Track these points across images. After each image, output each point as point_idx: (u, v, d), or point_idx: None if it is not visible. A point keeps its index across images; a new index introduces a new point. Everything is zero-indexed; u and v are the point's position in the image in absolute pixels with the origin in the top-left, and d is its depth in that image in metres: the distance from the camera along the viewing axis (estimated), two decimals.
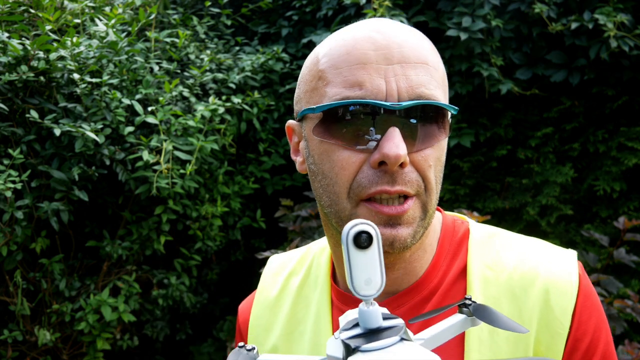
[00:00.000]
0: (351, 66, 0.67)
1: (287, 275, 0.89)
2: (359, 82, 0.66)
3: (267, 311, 0.88)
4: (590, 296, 0.74)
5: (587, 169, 2.73)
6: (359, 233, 0.45)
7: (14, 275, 2.29)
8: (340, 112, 0.66)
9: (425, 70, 0.67)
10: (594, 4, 2.52)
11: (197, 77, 2.68)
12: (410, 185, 0.67)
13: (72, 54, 2.29)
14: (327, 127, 0.68)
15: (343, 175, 0.68)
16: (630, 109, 2.62)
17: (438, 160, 0.70)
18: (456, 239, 0.80)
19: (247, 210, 3.00)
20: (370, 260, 0.46)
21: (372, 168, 0.66)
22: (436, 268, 0.77)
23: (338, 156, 0.68)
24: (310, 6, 3.19)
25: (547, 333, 0.71)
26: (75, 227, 2.55)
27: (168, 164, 2.31)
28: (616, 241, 2.29)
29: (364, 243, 0.45)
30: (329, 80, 0.68)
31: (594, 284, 2.05)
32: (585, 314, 0.73)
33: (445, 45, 2.70)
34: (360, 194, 0.67)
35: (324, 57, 0.70)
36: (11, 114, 2.22)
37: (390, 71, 0.66)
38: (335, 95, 0.67)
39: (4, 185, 1.97)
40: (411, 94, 0.65)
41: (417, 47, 0.69)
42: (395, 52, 0.66)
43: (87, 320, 2.33)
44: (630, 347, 1.90)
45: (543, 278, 0.73)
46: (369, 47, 0.67)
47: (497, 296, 0.73)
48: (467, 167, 2.83)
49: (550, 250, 0.78)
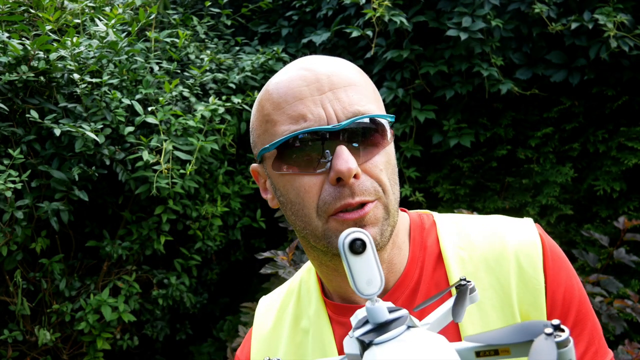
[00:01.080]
0: (291, 104, 0.75)
1: (278, 308, 0.95)
2: (302, 114, 0.74)
3: (266, 344, 0.93)
4: (555, 252, 0.83)
5: (587, 169, 2.73)
6: (353, 240, 0.51)
7: (14, 275, 2.29)
8: (292, 144, 0.75)
9: (354, 89, 0.76)
10: (594, 4, 2.52)
11: (197, 77, 2.68)
12: (368, 193, 0.75)
13: (72, 54, 2.29)
14: (284, 160, 0.76)
15: (308, 198, 0.76)
16: (630, 109, 2.62)
17: (388, 163, 0.78)
18: (425, 231, 0.88)
19: (247, 210, 3.00)
20: (368, 262, 0.51)
21: (332, 185, 0.74)
22: (414, 261, 0.85)
23: (300, 182, 0.76)
24: (310, 6, 3.19)
25: (527, 292, 0.79)
26: (75, 227, 2.55)
27: (168, 164, 2.31)
28: (616, 241, 2.29)
29: (359, 249, 0.51)
30: (276, 121, 0.77)
31: (593, 284, 2.05)
32: (555, 267, 0.81)
33: (445, 45, 2.70)
34: (327, 211, 0.75)
35: (266, 102, 0.79)
36: (11, 114, 2.22)
37: (325, 99, 0.75)
38: (285, 131, 0.75)
39: (4, 185, 1.97)
40: (347, 113, 0.74)
41: (342, 72, 0.78)
42: (324, 82, 0.75)
43: (87, 320, 2.33)
44: (630, 347, 1.90)
45: (511, 246, 0.82)
46: (302, 83, 0.76)
47: (474, 271, 0.81)
48: (467, 167, 2.83)
49: (510, 221, 0.87)
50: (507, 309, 0.78)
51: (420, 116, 2.74)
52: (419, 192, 2.87)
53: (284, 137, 0.74)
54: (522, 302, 0.79)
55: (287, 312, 0.93)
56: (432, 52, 2.78)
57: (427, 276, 0.83)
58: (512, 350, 0.50)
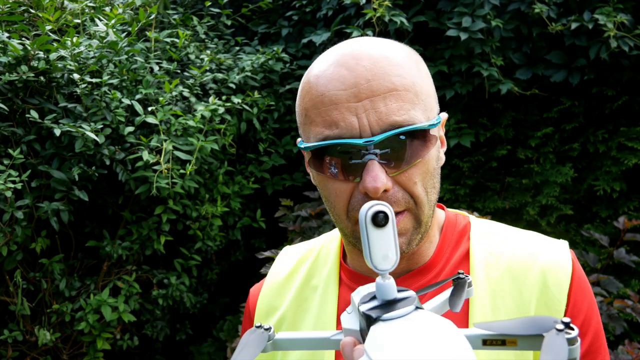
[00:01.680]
0: (327, 107, 0.74)
1: (298, 260, 0.96)
2: (335, 121, 0.73)
3: (276, 291, 0.94)
4: (583, 280, 0.82)
5: (587, 169, 2.73)
6: (377, 213, 0.50)
7: (14, 275, 2.29)
8: (324, 151, 0.75)
9: (395, 97, 0.72)
10: (594, 4, 2.52)
11: (197, 77, 2.68)
12: (398, 205, 0.74)
13: (72, 54, 2.29)
14: (318, 162, 0.76)
15: (339, 202, 0.77)
16: (630, 109, 2.62)
17: (425, 173, 0.76)
18: (458, 230, 0.88)
19: (247, 210, 3.00)
20: (387, 237, 0.51)
21: (361, 193, 0.74)
22: (440, 255, 0.85)
23: (332, 186, 0.77)
24: (310, 6, 3.19)
25: (546, 310, 0.79)
26: (75, 227, 2.55)
27: (168, 164, 2.31)
28: (616, 241, 2.29)
29: (381, 222, 0.50)
30: (312, 119, 0.76)
31: (593, 284, 2.05)
32: (580, 294, 0.81)
33: (445, 45, 2.70)
34: (355, 216, 0.76)
35: (307, 94, 0.78)
36: (11, 114, 2.22)
37: (361, 108, 0.72)
38: (318, 134, 0.75)
39: (4, 185, 1.97)
40: (382, 125, 0.71)
41: (385, 75, 0.73)
42: (363, 88, 0.72)
43: (87, 320, 2.33)
44: (630, 347, 1.90)
45: (540, 262, 0.81)
46: (340, 86, 0.73)
47: (498, 278, 0.81)
48: (467, 167, 2.83)
49: (545, 239, 0.87)
50: None
51: None
52: None
53: (316, 144, 0.74)
54: None
55: (303, 268, 0.94)
56: (432, 52, 2.78)
57: (450, 270, 0.84)
58: (519, 342, 0.50)
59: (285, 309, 0.91)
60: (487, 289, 0.80)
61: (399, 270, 0.85)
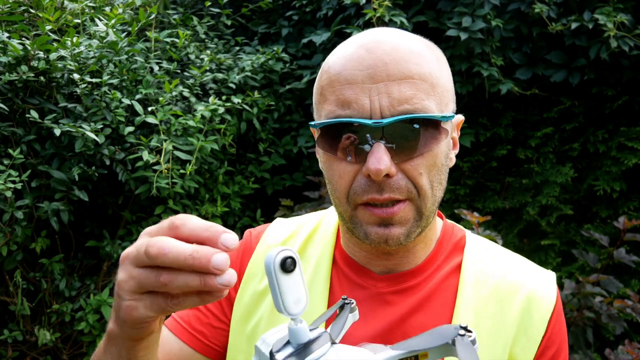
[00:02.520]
0: (342, 85, 0.73)
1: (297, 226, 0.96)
2: (348, 101, 0.72)
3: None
4: (561, 314, 0.85)
5: (587, 169, 2.73)
6: (285, 259, 0.50)
7: (14, 275, 2.29)
8: (333, 129, 0.74)
9: (410, 84, 0.72)
10: (594, 4, 2.52)
11: (197, 77, 2.68)
12: (400, 192, 0.73)
13: (72, 54, 2.29)
14: (326, 141, 0.76)
15: (341, 184, 0.76)
16: (630, 109, 2.62)
17: (432, 166, 0.75)
18: (453, 241, 0.89)
19: (247, 210, 3.00)
20: (296, 281, 0.51)
21: (364, 177, 0.74)
22: (432, 261, 0.86)
23: (337, 166, 0.76)
24: (310, 6, 3.19)
25: (524, 336, 0.81)
26: (75, 227, 2.55)
27: (168, 164, 2.31)
28: (616, 241, 2.29)
29: (289, 267, 0.50)
30: (326, 97, 0.76)
31: (593, 284, 2.05)
32: (557, 327, 0.83)
33: (445, 45, 2.70)
34: (356, 200, 0.75)
35: (325, 73, 0.78)
36: (11, 114, 2.22)
37: (375, 90, 0.71)
38: (330, 113, 0.74)
39: (4, 185, 1.97)
40: (393, 111, 0.71)
41: (403, 61, 0.73)
42: (380, 71, 0.72)
43: (87, 320, 2.33)
44: (630, 347, 1.90)
45: (527, 289, 0.83)
46: (357, 66, 0.73)
47: (485, 297, 0.82)
48: (467, 167, 2.83)
49: (535, 267, 0.89)
50: (500, 342, 0.80)
51: None
52: None
53: (326, 122, 0.74)
54: (515, 343, 0.80)
55: (301, 235, 0.93)
56: None
57: (440, 278, 0.84)
58: (430, 354, 0.53)
59: None
60: (472, 307, 0.81)
61: (390, 267, 0.85)
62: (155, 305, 0.57)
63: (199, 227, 0.54)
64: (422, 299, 0.82)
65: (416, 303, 0.82)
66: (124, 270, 0.58)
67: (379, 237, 0.75)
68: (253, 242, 0.95)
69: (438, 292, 0.83)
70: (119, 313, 0.59)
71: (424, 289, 0.83)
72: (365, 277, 0.85)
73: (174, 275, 0.53)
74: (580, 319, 2.02)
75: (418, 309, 0.82)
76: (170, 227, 0.55)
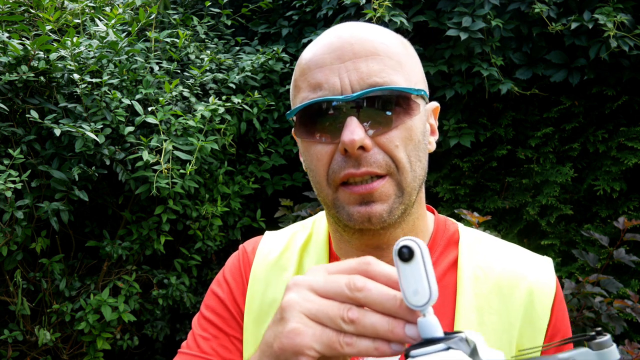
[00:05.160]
0: (312, 71, 0.75)
1: (290, 235, 0.96)
2: (319, 83, 0.74)
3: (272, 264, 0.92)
4: (562, 299, 0.86)
5: (587, 169, 2.73)
6: (401, 248, 0.50)
7: (14, 275, 2.29)
8: (308, 112, 0.75)
9: (377, 60, 0.73)
10: (594, 4, 2.52)
11: (197, 77, 2.68)
12: (377, 166, 0.73)
13: (72, 54, 2.29)
14: (302, 127, 0.76)
15: (320, 166, 0.76)
16: (630, 109, 2.62)
17: (408, 139, 0.75)
18: (447, 236, 0.88)
19: (247, 210, 3.00)
20: (415, 271, 0.50)
21: (341, 155, 0.73)
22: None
23: (314, 150, 0.76)
24: (310, 6, 3.19)
25: (529, 327, 0.80)
26: (75, 227, 2.55)
27: (168, 164, 2.31)
28: (616, 241, 2.29)
29: (405, 256, 0.49)
30: (300, 87, 0.77)
31: (593, 284, 2.05)
32: (560, 314, 0.84)
33: (445, 45, 2.70)
34: (335, 180, 0.75)
35: (297, 66, 0.80)
36: (11, 114, 2.22)
37: (343, 68, 0.73)
38: (303, 99, 0.75)
39: (4, 185, 1.97)
40: (363, 84, 0.72)
41: (368, 40, 0.75)
42: (346, 51, 0.74)
43: (87, 320, 2.33)
44: (630, 347, 1.90)
45: (528, 281, 0.83)
46: (326, 50, 0.75)
47: (486, 293, 0.81)
48: (467, 167, 2.83)
49: (532, 256, 0.88)
50: (506, 336, 0.79)
51: None
52: None
53: (299, 106, 0.75)
54: (522, 335, 0.80)
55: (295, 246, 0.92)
56: (432, 52, 2.78)
57: (437, 277, 0.82)
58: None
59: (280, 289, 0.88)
60: (474, 305, 0.80)
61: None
62: (325, 337, 0.51)
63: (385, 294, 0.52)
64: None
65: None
66: (298, 292, 0.53)
67: (361, 215, 0.74)
68: (250, 257, 0.95)
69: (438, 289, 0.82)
70: (276, 340, 0.53)
71: None
72: None
73: (363, 313, 0.51)
74: (580, 319, 2.02)
75: None
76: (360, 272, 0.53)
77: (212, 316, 0.91)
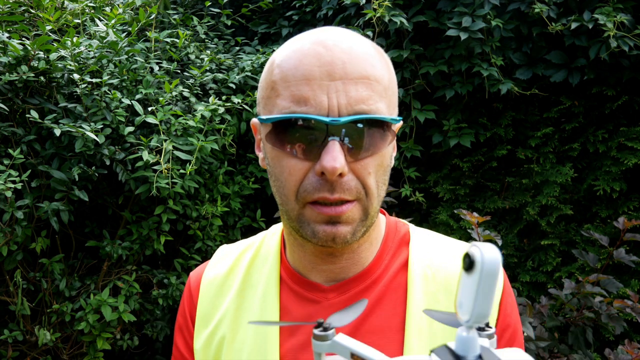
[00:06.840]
0: (298, 81, 0.72)
1: (236, 256, 0.95)
2: (305, 97, 0.71)
3: (216, 290, 0.92)
4: (511, 294, 0.86)
5: (587, 169, 2.73)
6: (466, 254, 0.44)
7: (14, 275, 2.29)
8: (287, 125, 0.73)
9: (366, 85, 0.72)
10: (594, 4, 2.52)
11: (197, 77, 2.68)
12: (349, 193, 0.73)
13: (72, 54, 2.29)
14: (277, 136, 0.74)
15: (291, 181, 0.75)
16: (630, 109, 2.62)
17: (379, 166, 0.76)
18: (398, 238, 0.89)
19: (247, 210, 3.00)
20: (469, 283, 0.45)
21: (316, 175, 0.73)
22: (380, 261, 0.86)
23: (287, 163, 0.74)
24: (310, 6, 3.19)
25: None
26: (75, 227, 2.55)
27: (168, 164, 2.31)
28: (616, 241, 2.29)
29: (464, 264, 0.45)
30: (279, 93, 0.74)
31: (593, 284, 2.05)
32: (509, 308, 0.84)
33: (445, 45, 2.70)
34: (305, 198, 0.74)
35: (277, 67, 0.76)
36: (11, 114, 2.22)
37: (332, 87, 0.71)
38: (284, 108, 0.73)
39: (4, 185, 1.97)
40: (350, 110, 0.71)
41: (360, 61, 0.73)
42: (338, 69, 0.72)
43: (87, 320, 2.33)
44: (630, 347, 1.90)
45: None
46: (315, 62, 0.72)
47: (435, 292, 0.82)
48: (467, 167, 2.83)
49: None
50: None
51: (420, 116, 2.74)
52: (419, 192, 2.87)
53: (281, 116, 0.72)
54: None
55: (242, 264, 0.92)
56: (432, 52, 2.78)
57: (388, 279, 0.84)
58: None
59: (226, 309, 0.89)
60: (424, 303, 0.81)
61: (337, 272, 0.84)
62: None
63: None
64: (373, 302, 0.82)
65: (368, 307, 0.82)
66: None
67: (327, 235, 0.74)
68: (194, 295, 0.95)
69: (389, 293, 0.83)
70: None
71: (374, 291, 0.83)
72: (315, 291, 0.84)
73: None
74: (580, 319, 2.02)
75: (371, 312, 0.81)
76: None
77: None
